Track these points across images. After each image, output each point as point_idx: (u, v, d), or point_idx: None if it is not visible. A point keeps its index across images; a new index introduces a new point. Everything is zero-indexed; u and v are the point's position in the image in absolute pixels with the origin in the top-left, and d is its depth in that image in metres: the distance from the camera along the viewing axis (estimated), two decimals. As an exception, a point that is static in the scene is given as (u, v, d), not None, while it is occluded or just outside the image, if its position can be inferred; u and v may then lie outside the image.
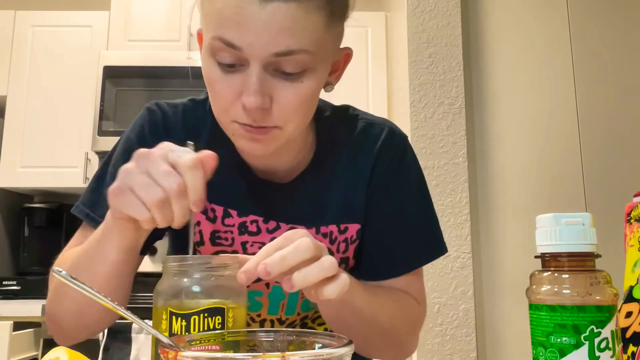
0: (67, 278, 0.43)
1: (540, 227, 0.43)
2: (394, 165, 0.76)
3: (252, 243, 0.72)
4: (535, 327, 0.42)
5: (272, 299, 0.74)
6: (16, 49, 2.36)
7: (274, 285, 0.73)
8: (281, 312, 0.76)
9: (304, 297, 0.74)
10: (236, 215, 0.73)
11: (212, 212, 0.73)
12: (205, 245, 0.73)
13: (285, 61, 0.59)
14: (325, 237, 0.73)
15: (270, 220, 0.73)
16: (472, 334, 1.78)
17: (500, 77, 1.98)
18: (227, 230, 0.72)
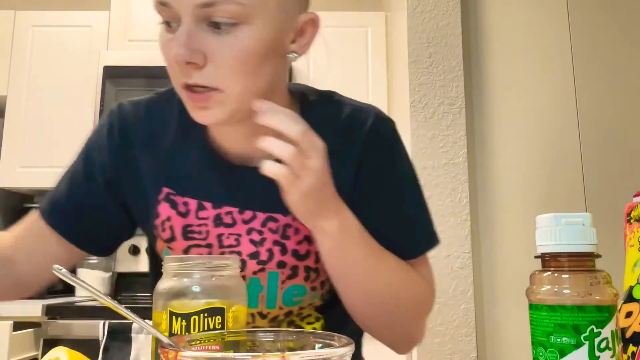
0: (67, 276, 0.43)
1: (540, 227, 0.43)
2: (385, 153, 0.74)
3: (227, 235, 0.70)
4: (535, 327, 0.42)
5: (250, 291, 0.71)
6: (16, 49, 2.35)
7: (250, 277, 0.71)
8: (261, 305, 0.72)
9: (284, 289, 0.71)
10: (211, 207, 0.71)
11: (184, 206, 0.71)
12: (177, 240, 0.71)
13: (213, 12, 0.58)
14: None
15: (245, 210, 0.71)
16: (472, 334, 1.78)
17: (500, 77, 1.98)
18: (202, 224, 0.71)
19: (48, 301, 1.93)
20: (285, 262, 0.70)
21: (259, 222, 0.70)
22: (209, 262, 0.52)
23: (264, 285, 0.71)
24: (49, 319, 1.83)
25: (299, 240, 0.71)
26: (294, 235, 0.71)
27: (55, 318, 1.83)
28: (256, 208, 0.71)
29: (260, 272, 0.70)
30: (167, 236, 0.72)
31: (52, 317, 1.83)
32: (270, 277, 0.71)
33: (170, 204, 0.71)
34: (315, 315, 0.77)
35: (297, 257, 0.71)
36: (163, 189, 0.72)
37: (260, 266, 0.70)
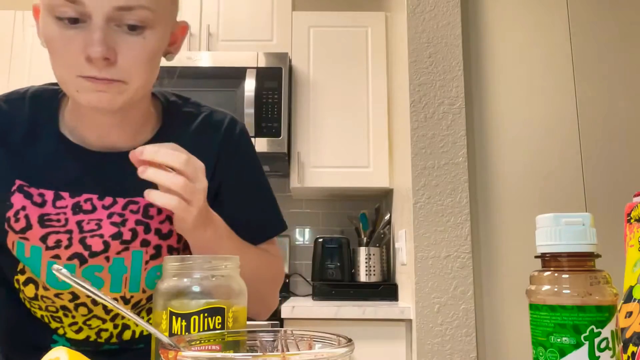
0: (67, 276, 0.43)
1: (540, 227, 0.43)
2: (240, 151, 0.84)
3: (87, 221, 0.72)
4: (535, 327, 0.42)
5: (114, 273, 0.73)
6: (16, 49, 2.36)
7: (114, 257, 0.72)
8: (124, 289, 0.74)
9: (147, 270, 0.74)
10: (68, 196, 0.73)
11: (40, 197, 0.72)
12: (33, 229, 0.71)
13: (126, 15, 0.64)
14: None
15: (105, 196, 0.74)
16: (472, 334, 1.78)
17: (500, 77, 1.98)
18: (59, 212, 0.72)
19: (48, 301, 1.93)
20: (149, 241, 0.74)
21: (119, 206, 0.74)
22: (209, 262, 0.52)
23: (127, 266, 0.73)
24: (49, 319, 1.82)
25: (162, 220, 0.75)
26: (156, 215, 0.75)
27: (55, 318, 1.82)
28: (116, 194, 0.74)
29: (124, 252, 0.73)
30: (22, 226, 0.71)
31: (52, 317, 1.83)
32: (134, 256, 0.74)
33: (24, 195, 0.72)
34: None
35: (160, 236, 0.75)
36: (16, 181, 0.73)
37: (124, 245, 0.73)
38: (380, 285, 2.12)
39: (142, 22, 0.66)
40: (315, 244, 2.32)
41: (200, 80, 2.18)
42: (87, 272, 0.72)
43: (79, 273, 0.72)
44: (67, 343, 0.75)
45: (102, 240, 0.72)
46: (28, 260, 0.72)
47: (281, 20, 2.39)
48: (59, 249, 0.71)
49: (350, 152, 2.29)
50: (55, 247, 0.71)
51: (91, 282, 0.72)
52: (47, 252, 0.71)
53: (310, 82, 2.33)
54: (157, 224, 0.75)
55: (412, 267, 1.85)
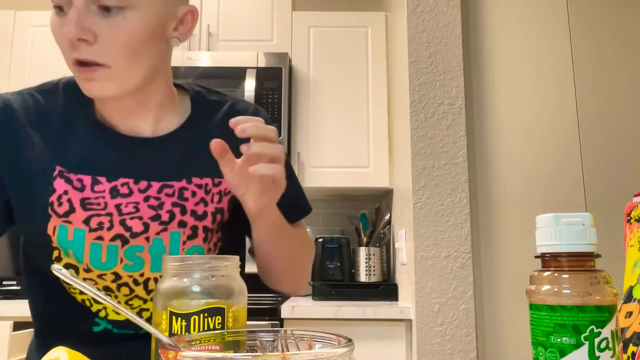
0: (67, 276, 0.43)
1: (540, 227, 0.43)
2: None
3: (125, 204, 0.75)
4: (535, 327, 0.42)
5: (153, 254, 0.75)
6: (16, 49, 2.36)
7: (153, 238, 0.75)
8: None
9: (185, 250, 0.77)
10: (105, 181, 0.75)
11: (79, 182, 0.74)
12: (76, 212, 0.73)
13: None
14: (199, 187, 0.78)
15: (140, 180, 0.76)
16: (472, 334, 1.78)
17: (500, 77, 1.98)
18: (99, 196, 0.74)
19: (48, 301, 1.93)
20: (186, 222, 0.76)
21: (154, 190, 0.76)
22: (209, 262, 0.52)
23: (166, 247, 0.75)
24: (49, 319, 1.82)
25: (196, 202, 0.78)
26: (191, 197, 0.77)
27: (55, 318, 1.82)
28: (150, 178, 0.76)
29: (163, 232, 0.75)
30: (65, 209, 0.73)
31: (52, 317, 1.83)
32: (172, 237, 0.76)
33: (65, 180, 0.74)
34: None
35: (195, 217, 0.77)
36: (56, 167, 0.74)
37: (163, 226, 0.75)
38: (380, 285, 2.12)
39: (120, 3, 0.66)
40: (315, 244, 2.32)
41: (200, 80, 2.18)
42: (129, 252, 0.74)
43: (121, 253, 0.74)
44: (109, 325, 0.76)
45: (141, 221, 0.74)
46: (71, 243, 0.73)
47: (281, 20, 2.39)
48: (102, 231, 0.73)
49: (350, 152, 2.29)
50: (98, 229, 0.73)
51: (133, 262, 0.74)
52: (90, 234, 0.73)
53: (310, 82, 2.33)
54: (193, 206, 0.77)
55: (412, 267, 1.85)
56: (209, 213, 0.79)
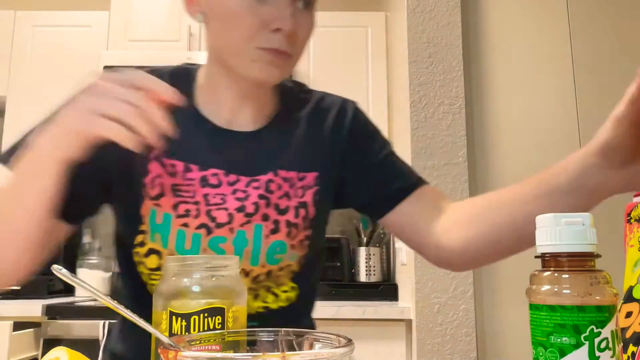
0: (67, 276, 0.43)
1: (540, 227, 0.43)
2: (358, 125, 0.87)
3: (214, 195, 0.75)
4: (535, 327, 0.42)
5: (236, 245, 0.75)
6: (16, 49, 2.36)
7: (237, 230, 0.75)
8: (245, 262, 0.76)
9: (268, 244, 0.76)
10: (197, 169, 0.76)
11: (172, 167, 0.75)
12: (165, 196, 0.75)
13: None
14: (285, 181, 0.78)
15: (230, 173, 0.76)
16: (472, 334, 1.78)
17: (500, 77, 1.98)
18: (189, 184, 0.75)
19: (48, 301, 1.93)
20: (269, 215, 0.76)
21: (242, 184, 0.77)
22: (209, 262, 0.52)
23: (249, 240, 0.75)
24: (49, 319, 1.83)
25: (280, 196, 0.77)
26: (276, 190, 0.77)
27: (55, 318, 1.83)
28: (240, 172, 0.77)
29: (247, 225, 0.75)
30: (157, 192, 0.74)
31: (52, 317, 1.83)
32: (255, 230, 0.76)
33: (159, 163, 0.75)
34: (290, 285, 0.80)
35: (278, 211, 0.77)
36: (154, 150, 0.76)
37: (247, 218, 0.75)
38: (380, 285, 2.12)
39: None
40: (315, 244, 2.32)
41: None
42: (212, 242, 0.75)
43: (205, 243, 0.74)
44: None
45: (227, 212, 0.75)
46: (160, 227, 0.74)
47: (281, 20, 2.39)
48: (188, 218, 0.74)
49: (350, 152, 2.29)
50: (185, 215, 0.74)
51: (215, 252, 0.75)
52: (176, 219, 0.74)
53: (311, 82, 2.33)
54: (276, 199, 0.77)
55: (412, 267, 1.85)
56: (291, 207, 0.78)
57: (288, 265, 0.79)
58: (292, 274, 0.80)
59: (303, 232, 0.79)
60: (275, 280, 0.79)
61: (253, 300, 0.77)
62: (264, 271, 0.77)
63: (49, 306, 1.84)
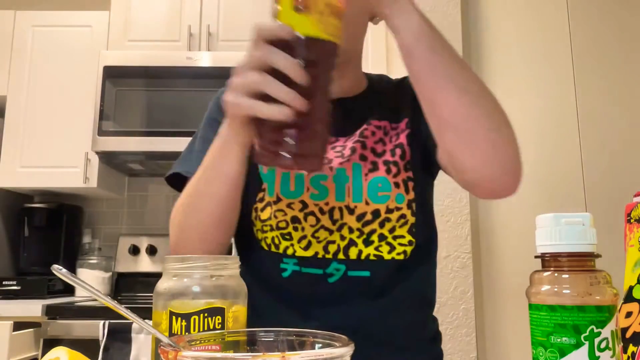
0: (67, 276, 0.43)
1: (540, 227, 0.43)
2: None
3: None
4: (535, 327, 0.42)
5: (337, 182, 0.78)
6: (16, 49, 2.36)
7: (337, 167, 0.78)
8: (348, 198, 0.78)
9: (368, 180, 0.78)
10: None
11: None
12: None
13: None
14: (378, 128, 0.83)
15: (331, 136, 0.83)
16: (472, 334, 1.78)
17: (500, 77, 1.98)
18: None
19: (48, 301, 1.93)
20: (366, 156, 0.80)
21: (341, 142, 0.82)
22: (209, 262, 0.52)
23: (349, 176, 0.78)
24: (49, 319, 1.83)
25: (375, 141, 0.81)
26: (370, 136, 0.81)
27: (55, 318, 1.83)
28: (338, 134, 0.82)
29: (346, 163, 0.79)
30: None
31: (52, 317, 1.83)
32: (354, 168, 0.79)
33: None
34: (408, 239, 0.79)
35: (375, 154, 0.80)
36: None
37: (345, 159, 0.79)
38: (380, 285, 2.12)
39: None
40: (315, 244, 2.32)
41: (200, 80, 2.18)
42: (314, 180, 0.78)
43: (307, 180, 0.78)
44: (295, 267, 0.78)
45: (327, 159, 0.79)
46: (266, 176, 0.80)
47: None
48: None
49: (350, 152, 2.29)
50: None
51: (318, 190, 0.78)
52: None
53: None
54: (372, 144, 0.81)
55: (412, 267, 1.85)
56: (387, 150, 0.81)
57: (402, 215, 0.78)
58: (409, 226, 0.79)
59: (404, 172, 0.80)
60: (391, 230, 0.78)
61: (364, 246, 0.77)
62: (370, 210, 0.77)
63: (49, 306, 1.84)
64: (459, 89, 0.65)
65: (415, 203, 0.80)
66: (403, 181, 0.80)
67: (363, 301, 0.78)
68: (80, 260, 2.38)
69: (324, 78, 0.59)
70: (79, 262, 2.37)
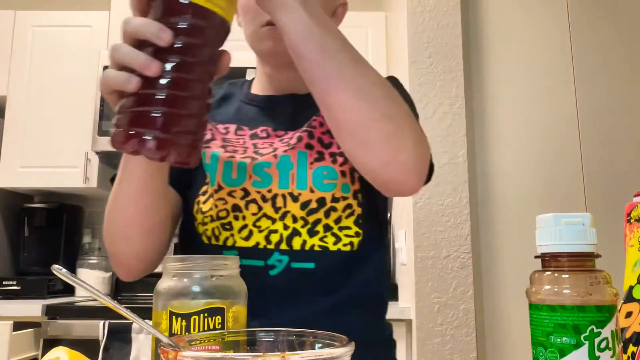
0: (67, 276, 0.43)
1: (540, 227, 0.43)
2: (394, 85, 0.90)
3: (262, 143, 0.81)
4: (535, 327, 0.42)
5: (281, 169, 0.77)
6: (16, 49, 2.36)
7: (281, 155, 0.78)
8: (292, 185, 0.76)
9: (313, 168, 0.77)
10: (248, 129, 0.83)
11: (225, 130, 0.83)
12: (216, 140, 0.81)
13: None
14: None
15: (279, 129, 0.82)
16: (472, 334, 1.78)
17: (500, 77, 1.98)
18: (239, 139, 0.82)
19: (48, 301, 1.93)
20: (313, 145, 0.79)
21: (288, 136, 0.82)
22: (209, 262, 0.52)
23: (293, 163, 0.77)
24: (49, 319, 1.83)
25: (323, 132, 0.80)
26: (318, 126, 0.80)
27: (55, 318, 1.83)
28: (287, 128, 0.82)
29: (291, 150, 0.78)
30: (207, 138, 0.81)
31: (52, 317, 1.83)
32: (299, 155, 0.78)
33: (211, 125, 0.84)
34: (355, 230, 0.77)
35: (322, 144, 0.79)
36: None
37: (290, 147, 0.79)
38: (380, 285, 2.12)
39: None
40: (315, 244, 2.32)
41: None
42: (257, 168, 0.77)
43: (250, 168, 0.77)
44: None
45: (272, 148, 0.79)
46: (208, 166, 0.79)
47: (281, 20, 2.39)
48: (235, 154, 0.79)
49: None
50: (232, 152, 0.79)
51: (261, 178, 0.77)
52: (224, 154, 0.79)
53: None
54: (319, 134, 0.80)
55: (412, 267, 1.85)
56: (334, 142, 0.79)
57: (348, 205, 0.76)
58: (355, 217, 0.77)
59: (350, 164, 0.77)
60: (337, 221, 0.76)
61: (309, 236, 0.75)
62: (314, 197, 0.75)
63: (49, 306, 1.84)
64: (354, 92, 0.62)
65: (361, 194, 0.78)
66: (350, 170, 0.78)
67: (308, 298, 0.74)
68: (80, 260, 2.38)
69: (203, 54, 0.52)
70: (79, 262, 2.37)
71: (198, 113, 0.51)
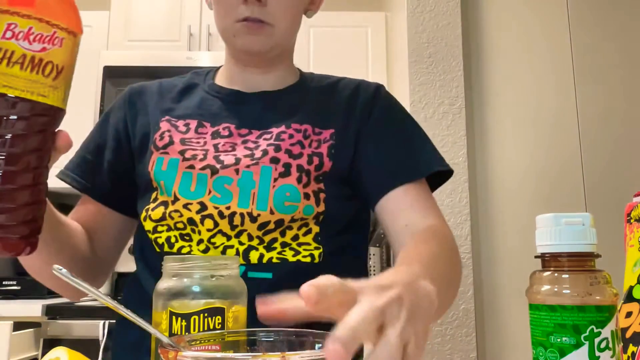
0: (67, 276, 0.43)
1: (540, 227, 0.43)
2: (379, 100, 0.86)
3: (223, 143, 0.78)
4: (535, 327, 0.42)
5: (242, 187, 0.74)
6: (16, 49, 2.35)
7: (243, 170, 0.75)
8: (252, 205, 0.73)
9: (276, 187, 0.73)
10: (209, 126, 0.81)
11: (185, 127, 0.81)
12: (174, 144, 0.79)
13: None
14: (298, 132, 0.79)
15: (242, 127, 0.80)
16: (472, 334, 1.78)
17: (500, 77, 1.98)
18: (200, 138, 0.79)
19: (48, 301, 1.93)
20: (279, 159, 0.76)
21: (254, 136, 0.80)
22: (209, 262, 0.52)
23: (256, 181, 0.74)
24: (49, 319, 1.83)
25: (292, 143, 0.78)
26: (288, 138, 0.78)
27: (55, 318, 1.83)
28: (252, 127, 0.80)
29: (254, 166, 0.75)
30: (165, 142, 0.79)
31: (52, 317, 1.83)
32: (262, 172, 0.74)
33: (170, 124, 0.81)
34: (314, 245, 0.75)
35: (290, 155, 0.76)
36: (166, 116, 0.83)
37: (254, 161, 0.75)
38: (380, 285, 2.12)
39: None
40: (315, 244, 2.31)
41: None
42: (217, 183, 0.74)
43: (210, 183, 0.75)
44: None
45: (234, 157, 0.76)
46: (164, 174, 0.76)
47: (281, 20, 2.39)
48: (194, 161, 0.76)
49: (350, 152, 2.29)
50: (191, 159, 0.76)
51: (220, 194, 0.74)
52: (183, 162, 0.76)
53: (310, 82, 2.33)
54: (288, 146, 0.77)
55: (412, 267, 1.85)
56: (304, 154, 0.76)
57: (305, 223, 0.74)
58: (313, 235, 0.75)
59: (314, 183, 0.75)
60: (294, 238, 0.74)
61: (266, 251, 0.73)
62: (273, 219, 0.73)
63: (49, 306, 1.84)
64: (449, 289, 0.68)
65: (324, 216, 0.75)
66: (314, 192, 0.75)
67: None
68: (80, 260, 2.37)
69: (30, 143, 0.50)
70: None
71: (33, 201, 0.50)
